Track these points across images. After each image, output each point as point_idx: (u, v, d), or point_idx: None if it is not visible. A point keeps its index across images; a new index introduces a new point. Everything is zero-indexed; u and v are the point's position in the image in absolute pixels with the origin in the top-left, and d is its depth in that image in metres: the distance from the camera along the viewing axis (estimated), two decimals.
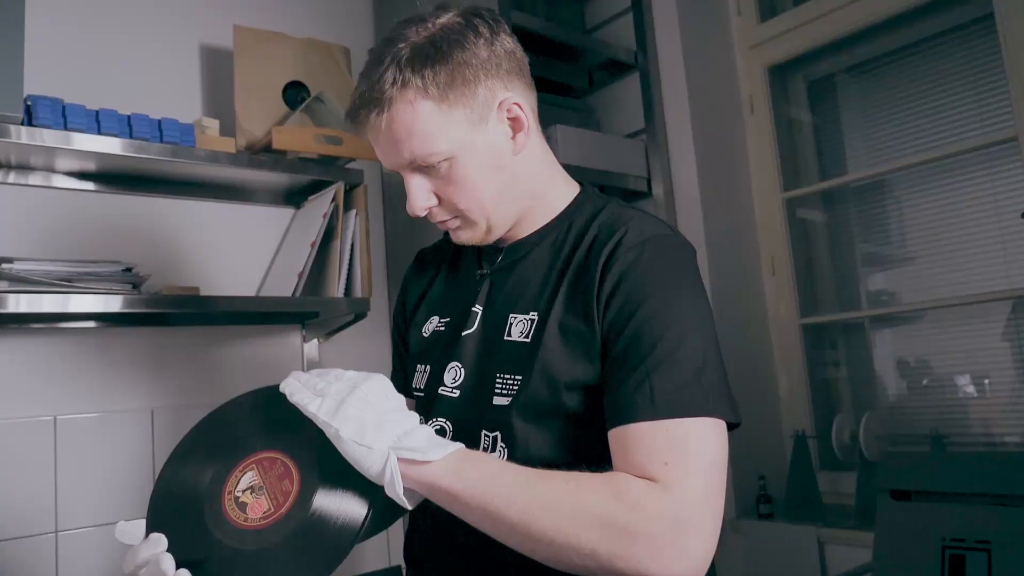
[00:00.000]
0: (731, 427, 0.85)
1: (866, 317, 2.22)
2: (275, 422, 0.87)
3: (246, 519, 0.82)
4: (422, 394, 1.01)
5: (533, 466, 0.82)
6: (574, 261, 0.92)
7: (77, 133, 1.47)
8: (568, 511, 0.75)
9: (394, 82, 0.87)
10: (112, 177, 1.70)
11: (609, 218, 0.93)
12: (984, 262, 1.99)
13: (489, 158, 0.92)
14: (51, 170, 1.64)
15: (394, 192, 2.18)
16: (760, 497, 2.02)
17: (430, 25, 0.91)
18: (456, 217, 0.95)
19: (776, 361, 2.25)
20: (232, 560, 0.80)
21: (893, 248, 2.19)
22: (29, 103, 1.44)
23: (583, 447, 0.86)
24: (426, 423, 0.97)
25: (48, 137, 1.45)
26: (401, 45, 0.89)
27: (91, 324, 1.68)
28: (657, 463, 0.77)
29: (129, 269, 1.52)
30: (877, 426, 1.90)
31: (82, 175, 1.68)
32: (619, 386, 0.83)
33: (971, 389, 2.00)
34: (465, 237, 0.97)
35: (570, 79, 2.33)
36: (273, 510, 0.81)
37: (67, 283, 1.43)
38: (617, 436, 0.82)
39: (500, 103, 0.92)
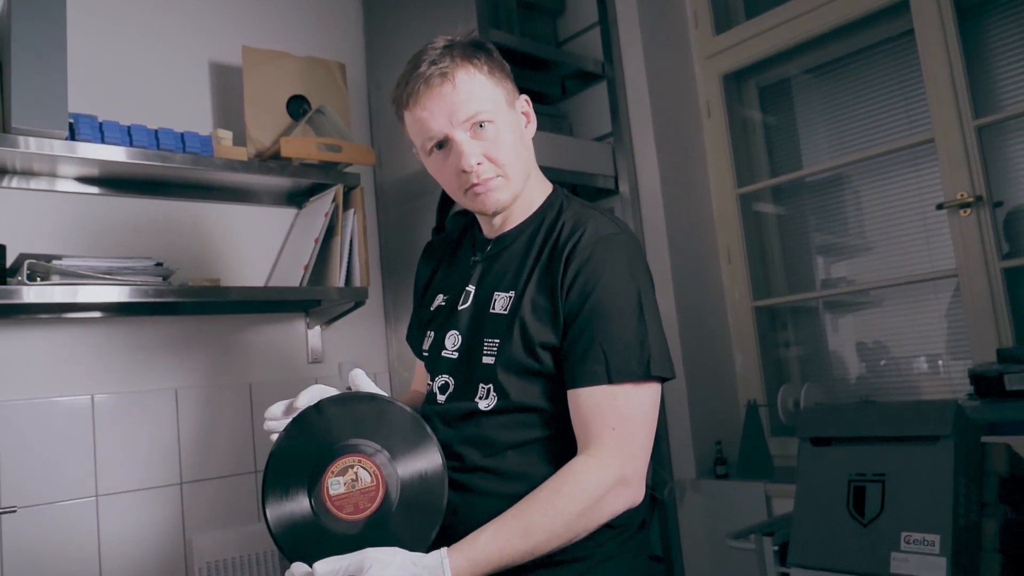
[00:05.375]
0: (668, 379, 1.12)
1: (811, 299, 2.47)
2: (333, 433, 1.03)
3: (354, 511, 1.00)
4: (428, 355, 1.25)
5: (517, 411, 1.10)
6: (544, 252, 1.17)
7: (113, 146, 1.69)
8: (561, 527, 1.01)
9: (455, 58, 1.13)
10: (142, 184, 1.92)
11: (572, 217, 1.19)
12: (913, 248, 2.24)
13: (517, 133, 1.19)
14: (89, 179, 1.86)
15: (387, 193, 2.40)
16: (717, 460, 2.27)
17: (455, 39, 1.18)
18: (499, 176, 1.16)
19: (732, 339, 2.51)
20: (363, 541, 0.97)
21: (837, 237, 2.45)
22: (71, 120, 1.65)
23: (553, 397, 1.12)
24: (433, 380, 1.21)
25: (87, 150, 1.67)
26: (446, 44, 1.15)
27: (123, 313, 1.90)
28: (607, 428, 1.06)
29: (160, 264, 1.75)
30: (817, 394, 2.16)
31: (115, 183, 1.90)
32: (579, 357, 1.08)
33: (903, 361, 2.27)
34: (496, 197, 1.17)
35: (544, 88, 2.56)
36: (373, 495, 1.00)
37: (108, 276, 1.65)
38: (574, 396, 1.09)
39: (519, 96, 1.21)
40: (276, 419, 1.06)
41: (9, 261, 1.62)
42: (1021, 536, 1.34)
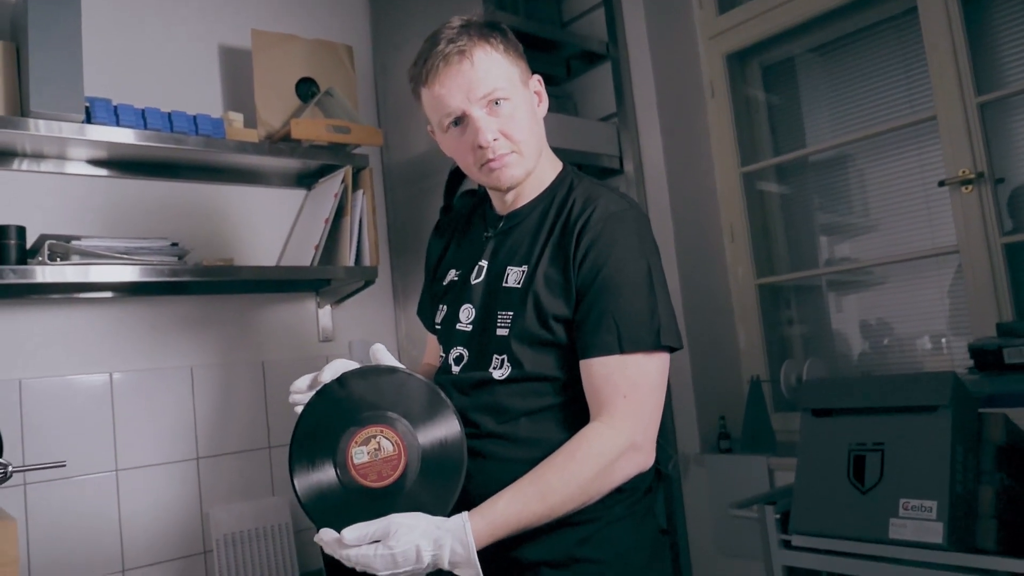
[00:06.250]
0: (676, 349, 1.16)
1: (814, 277, 2.50)
2: (356, 405, 1.06)
3: (377, 479, 1.03)
4: (441, 328, 1.29)
5: (530, 380, 1.14)
6: (556, 227, 1.21)
7: (128, 129, 1.72)
8: (576, 491, 1.05)
9: (472, 36, 1.17)
10: (155, 166, 1.96)
11: (583, 194, 1.22)
12: (915, 225, 2.27)
13: (531, 111, 1.23)
14: (104, 162, 1.90)
15: (394, 174, 2.43)
16: (721, 434, 2.31)
17: (470, 18, 1.21)
18: (513, 152, 1.20)
19: (735, 317, 2.54)
20: (387, 507, 1.01)
21: (839, 216, 2.47)
22: (87, 104, 1.68)
23: (565, 367, 1.16)
24: (447, 352, 1.25)
25: (103, 133, 1.70)
26: (462, 24, 1.19)
27: (140, 293, 1.94)
28: (619, 395, 1.10)
29: (175, 244, 1.78)
30: (819, 369, 2.20)
31: (130, 165, 1.93)
32: (591, 328, 1.12)
33: (906, 339, 2.30)
34: (510, 173, 1.20)
35: (549, 69, 2.57)
36: (395, 463, 1.04)
37: (126, 256, 1.69)
38: (586, 366, 1.13)
39: (532, 75, 1.24)
40: (301, 392, 1.10)
41: (30, 242, 1.66)
42: (1017, 502, 1.38)
